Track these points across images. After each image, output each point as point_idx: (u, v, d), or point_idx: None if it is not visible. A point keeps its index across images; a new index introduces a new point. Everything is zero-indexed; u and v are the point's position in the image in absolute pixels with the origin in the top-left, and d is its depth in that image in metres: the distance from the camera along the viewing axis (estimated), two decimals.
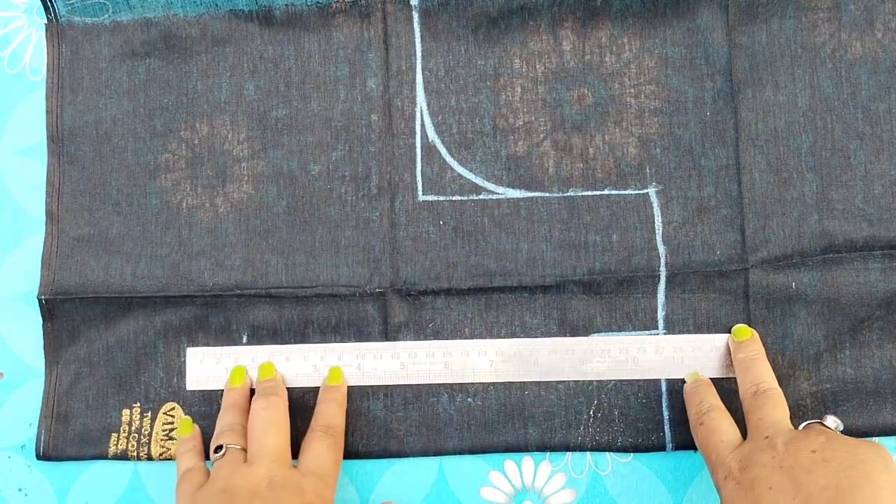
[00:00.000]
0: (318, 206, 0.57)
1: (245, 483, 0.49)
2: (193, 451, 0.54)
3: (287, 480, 0.49)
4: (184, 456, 0.54)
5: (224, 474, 0.50)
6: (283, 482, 0.49)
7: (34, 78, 0.60)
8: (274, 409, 0.52)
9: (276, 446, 0.51)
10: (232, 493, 0.48)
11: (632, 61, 0.56)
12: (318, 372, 0.56)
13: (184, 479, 0.51)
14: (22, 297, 0.59)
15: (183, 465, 0.53)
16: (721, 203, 0.55)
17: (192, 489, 0.50)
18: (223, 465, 0.50)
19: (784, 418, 0.49)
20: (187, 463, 0.53)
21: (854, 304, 0.54)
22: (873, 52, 0.56)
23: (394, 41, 0.57)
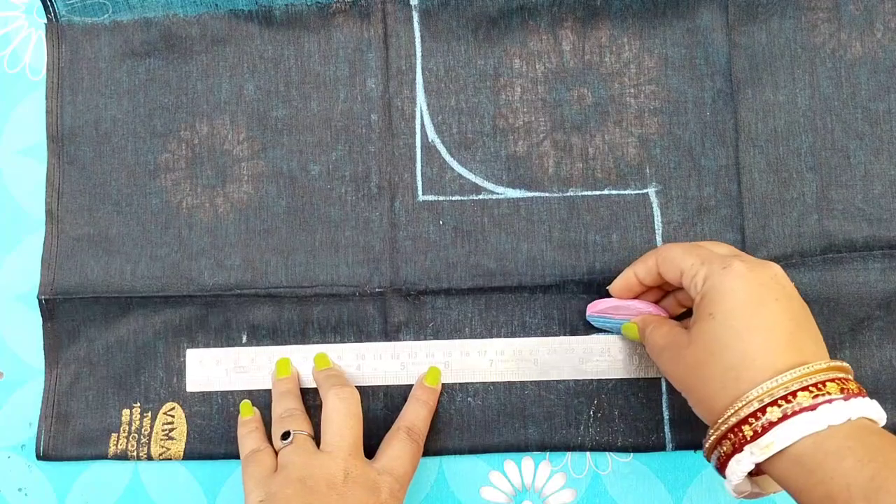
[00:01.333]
0: (318, 205, 0.57)
1: (322, 473, 0.48)
2: (258, 432, 0.54)
3: (363, 476, 0.49)
4: (247, 437, 0.53)
5: (299, 462, 0.49)
6: (359, 477, 0.49)
7: (34, 78, 0.60)
8: (351, 401, 0.52)
9: (353, 439, 0.51)
10: (307, 482, 0.48)
11: (632, 61, 0.56)
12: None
13: (251, 461, 0.51)
14: (22, 296, 0.59)
15: (248, 446, 0.53)
16: (721, 203, 0.55)
17: (263, 472, 0.50)
18: (295, 452, 0.50)
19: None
20: (252, 444, 0.53)
21: (854, 303, 0.54)
22: (873, 52, 0.56)
23: (394, 41, 0.57)
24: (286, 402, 0.54)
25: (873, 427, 0.40)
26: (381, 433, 0.54)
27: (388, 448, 0.52)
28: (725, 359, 0.42)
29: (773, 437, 0.39)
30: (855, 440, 0.38)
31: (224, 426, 0.57)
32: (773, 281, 0.44)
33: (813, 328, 0.44)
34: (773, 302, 0.43)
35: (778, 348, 0.41)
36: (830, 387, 0.40)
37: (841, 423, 0.39)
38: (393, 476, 0.50)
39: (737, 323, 0.42)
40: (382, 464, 0.51)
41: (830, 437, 0.39)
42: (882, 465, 0.37)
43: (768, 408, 0.40)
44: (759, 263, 0.45)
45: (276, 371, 0.56)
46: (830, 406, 0.39)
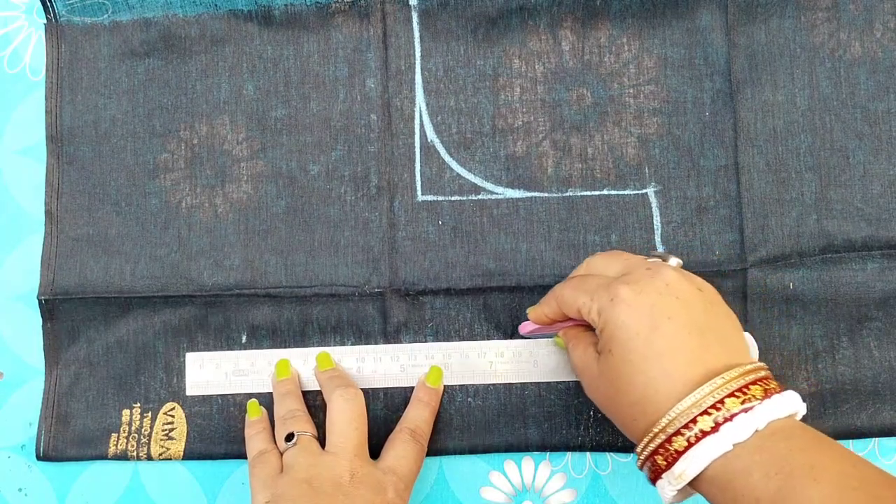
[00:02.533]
0: (318, 206, 0.57)
1: (328, 474, 0.49)
2: (265, 433, 0.54)
3: (369, 476, 0.49)
4: (254, 438, 0.53)
5: (304, 463, 0.49)
6: (364, 478, 0.49)
7: (34, 78, 0.60)
8: (356, 402, 0.52)
9: (358, 440, 0.51)
10: (313, 482, 0.48)
11: (631, 61, 0.56)
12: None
13: (258, 462, 0.51)
14: (22, 297, 0.59)
15: (255, 448, 0.53)
16: (720, 203, 0.55)
17: (269, 474, 0.50)
18: (299, 453, 0.50)
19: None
20: (259, 445, 0.53)
21: (852, 304, 0.54)
22: (872, 52, 0.56)
23: (393, 41, 0.57)
24: (288, 403, 0.54)
25: (784, 430, 0.39)
26: (382, 434, 0.54)
27: (392, 449, 0.52)
28: (629, 394, 0.41)
29: (683, 466, 0.39)
30: (762, 453, 0.38)
31: (224, 426, 0.57)
32: (663, 297, 0.42)
33: (721, 327, 0.43)
34: (666, 322, 0.41)
35: (678, 371, 0.40)
36: (730, 403, 0.39)
37: (747, 437, 0.38)
38: (398, 476, 0.50)
39: (633, 356, 0.41)
40: (387, 464, 0.51)
41: (737, 456, 0.38)
42: (787, 475, 0.37)
43: (673, 437, 0.39)
44: (648, 279, 0.43)
45: (275, 373, 0.56)
46: (733, 424, 0.38)
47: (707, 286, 0.44)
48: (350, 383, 0.54)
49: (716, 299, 0.44)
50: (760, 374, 0.41)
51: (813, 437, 0.39)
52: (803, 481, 0.36)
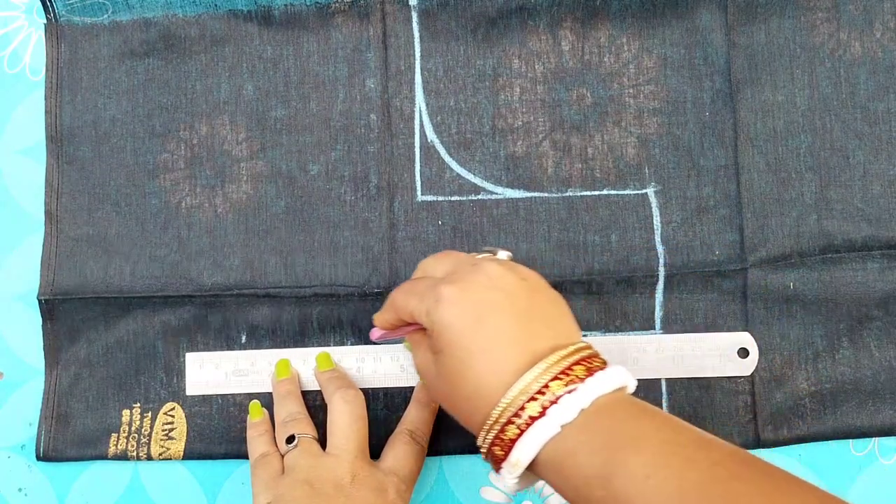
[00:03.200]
0: (317, 206, 0.57)
1: (329, 475, 0.49)
2: (267, 435, 0.54)
3: (371, 477, 0.49)
4: (256, 440, 0.53)
5: (305, 465, 0.49)
6: (366, 479, 0.49)
7: (34, 78, 0.60)
8: (356, 403, 0.52)
9: (359, 441, 0.51)
10: (315, 484, 0.48)
11: (631, 61, 0.56)
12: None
13: (259, 464, 0.51)
14: (22, 296, 0.59)
15: (257, 450, 0.53)
16: (720, 203, 0.55)
17: (270, 475, 0.50)
18: (300, 455, 0.50)
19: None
20: (261, 448, 0.53)
21: (852, 304, 0.54)
22: (872, 52, 0.56)
23: (393, 41, 0.57)
24: (288, 405, 0.54)
25: (609, 405, 0.39)
26: (382, 434, 0.54)
27: (392, 450, 0.52)
28: (463, 389, 0.42)
29: (517, 454, 0.39)
30: (588, 431, 0.38)
31: (224, 426, 0.57)
32: (486, 291, 0.43)
33: (548, 312, 0.43)
34: (490, 316, 0.42)
35: (505, 362, 0.41)
36: (555, 385, 0.39)
37: (573, 418, 0.39)
38: (399, 477, 0.50)
39: (461, 353, 0.42)
40: (388, 465, 0.51)
41: (565, 437, 0.39)
42: (612, 449, 0.37)
43: (506, 427, 0.40)
44: (470, 275, 0.43)
45: (275, 373, 0.56)
46: (559, 406, 0.39)
47: (532, 274, 0.45)
48: (350, 384, 0.54)
49: (540, 286, 0.45)
50: (584, 353, 0.41)
51: (637, 409, 0.40)
52: (626, 453, 0.37)
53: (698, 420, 0.54)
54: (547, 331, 0.42)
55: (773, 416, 0.54)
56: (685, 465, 0.36)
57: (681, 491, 0.35)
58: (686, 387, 0.55)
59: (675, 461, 0.36)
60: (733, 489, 0.35)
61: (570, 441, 0.39)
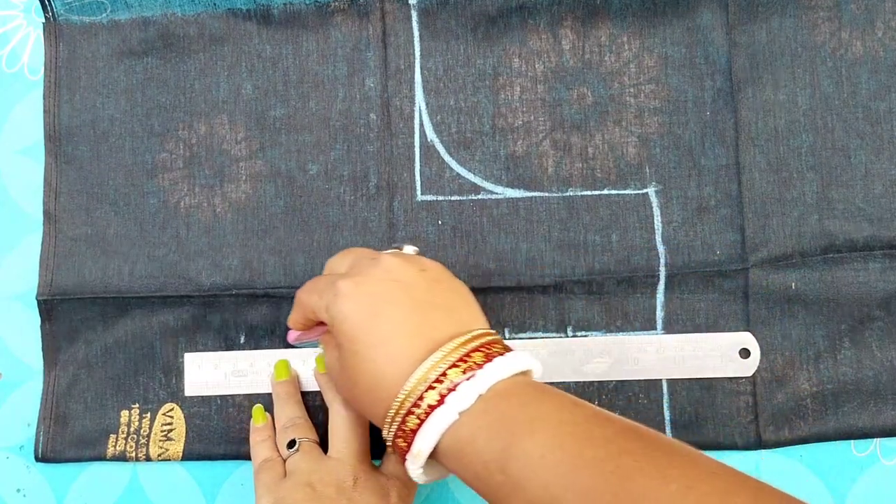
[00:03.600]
0: (317, 206, 0.57)
1: (331, 479, 0.49)
2: (269, 441, 0.53)
3: (373, 481, 0.49)
4: (259, 446, 0.53)
5: (306, 469, 0.49)
6: (368, 482, 0.49)
7: (32, 77, 0.60)
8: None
9: (360, 445, 0.51)
10: (317, 487, 0.48)
11: (631, 60, 0.56)
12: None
13: (263, 469, 0.51)
14: (21, 297, 0.59)
15: (260, 456, 0.52)
16: (721, 203, 0.55)
17: (274, 478, 0.50)
18: (302, 459, 0.50)
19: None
20: (264, 453, 0.52)
21: (854, 304, 0.54)
22: (874, 51, 0.55)
23: (392, 40, 0.57)
24: (288, 409, 0.54)
25: (507, 390, 0.40)
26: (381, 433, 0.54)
27: (395, 455, 0.52)
28: (363, 383, 0.42)
29: (419, 444, 0.40)
30: (485, 416, 0.39)
31: (223, 426, 0.57)
32: (383, 283, 0.43)
33: (448, 302, 0.44)
34: (387, 307, 0.42)
35: (403, 352, 0.41)
36: (452, 373, 0.40)
37: (471, 404, 0.39)
38: (401, 481, 0.50)
39: (359, 346, 0.42)
40: (390, 469, 0.51)
41: (464, 424, 0.39)
42: (509, 433, 0.38)
43: (407, 417, 0.40)
44: (368, 269, 0.44)
45: (274, 373, 0.55)
46: (457, 393, 0.39)
47: (433, 265, 0.45)
48: None
49: (441, 276, 0.45)
50: (483, 340, 0.41)
51: (536, 392, 0.40)
52: (521, 436, 0.37)
53: (700, 421, 0.54)
54: (446, 320, 0.42)
55: (774, 416, 0.54)
56: (580, 442, 0.37)
57: (574, 468, 0.36)
58: (687, 387, 0.54)
59: (570, 440, 0.37)
60: (624, 464, 0.35)
61: (468, 428, 0.39)
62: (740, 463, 0.54)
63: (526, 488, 0.36)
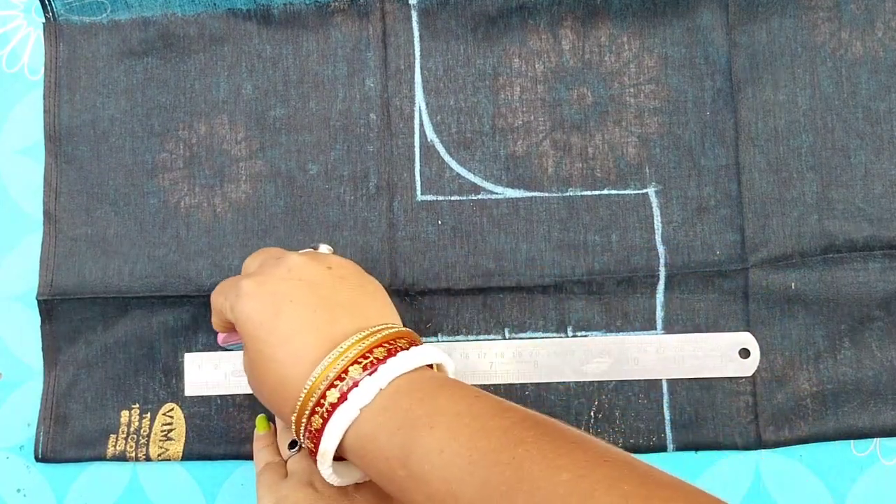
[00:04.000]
0: (317, 206, 0.57)
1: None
2: (272, 447, 0.53)
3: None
4: (262, 452, 0.53)
5: (307, 468, 0.49)
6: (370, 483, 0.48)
7: (33, 77, 0.60)
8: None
9: None
10: (318, 486, 0.48)
11: (631, 61, 0.56)
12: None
13: (265, 471, 0.51)
14: (21, 297, 0.59)
15: (262, 460, 0.52)
16: (721, 203, 0.55)
17: (275, 479, 0.50)
18: (302, 459, 0.50)
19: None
20: (267, 458, 0.52)
21: (854, 304, 0.54)
22: (874, 51, 0.55)
23: (392, 40, 0.57)
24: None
25: (408, 384, 0.40)
26: None
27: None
28: (268, 383, 0.42)
29: (324, 444, 0.40)
30: (385, 412, 0.39)
31: (223, 426, 0.56)
32: (285, 282, 0.43)
33: (354, 299, 0.43)
34: (289, 305, 0.42)
35: (305, 350, 0.41)
36: (353, 370, 0.40)
37: (370, 400, 0.39)
38: None
39: (262, 346, 0.42)
40: None
41: (366, 420, 0.39)
42: (409, 428, 0.38)
43: (311, 417, 0.40)
44: (271, 268, 0.44)
45: None
46: (358, 390, 0.39)
47: (341, 262, 0.45)
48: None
49: (348, 273, 0.45)
50: (386, 333, 0.41)
51: (436, 385, 0.40)
52: (421, 431, 0.37)
53: (699, 421, 0.54)
54: (349, 317, 0.42)
55: (774, 416, 0.54)
56: (476, 434, 0.37)
57: (471, 461, 0.36)
58: (687, 387, 0.54)
59: (466, 432, 0.37)
60: (519, 454, 0.35)
61: (370, 424, 0.39)
62: (740, 463, 0.54)
63: (428, 482, 0.37)
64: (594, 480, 0.33)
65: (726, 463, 0.55)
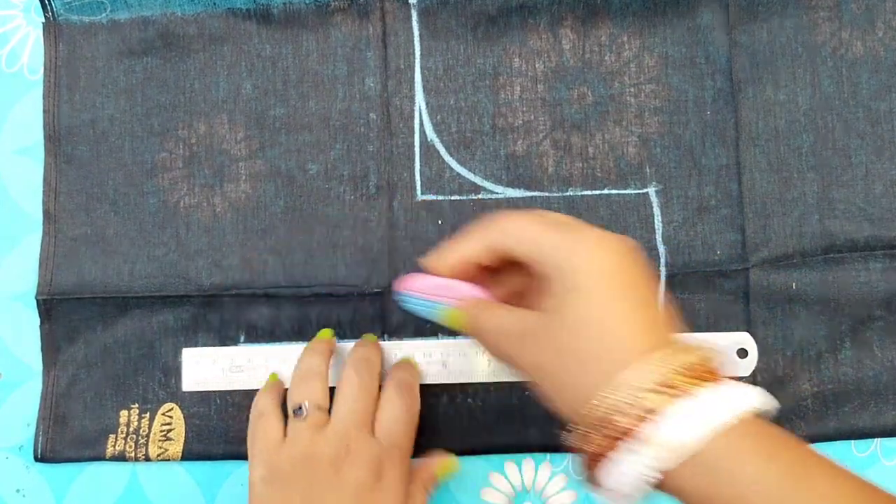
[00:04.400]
0: (317, 205, 0.57)
1: (328, 451, 0.47)
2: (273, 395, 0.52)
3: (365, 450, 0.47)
4: (263, 396, 0.52)
5: (306, 439, 0.48)
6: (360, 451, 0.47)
7: (32, 77, 0.60)
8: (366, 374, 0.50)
9: (362, 414, 0.49)
10: (312, 461, 0.47)
11: (632, 60, 0.56)
12: None
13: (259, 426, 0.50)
14: (20, 296, 0.59)
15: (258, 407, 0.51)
16: (721, 203, 0.55)
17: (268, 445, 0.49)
18: (305, 428, 0.48)
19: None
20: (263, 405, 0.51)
21: (855, 304, 0.54)
22: (874, 50, 0.55)
23: (392, 40, 0.57)
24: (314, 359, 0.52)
25: (761, 420, 0.35)
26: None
27: (381, 412, 0.50)
28: (594, 335, 0.36)
29: (671, 434, 0.33)
30: (751, 436, 0.33)
31: (222, 426, 0.56)
32: (634, 253, 0.38)
33: (671, 313, 0.38)
34: (634, 268, 0.37)
35: (653, 321, 0.36)
36: (701, 369, 0.35)
37: (742, 412, 0.33)
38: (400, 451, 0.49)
39: (604, 294, 0.36)
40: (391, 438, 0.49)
41: (729, 431, 0.33)
42: (788, 462, 0.33)
43: (650, 394, 0.33)
44: (615, 234, 0.38)
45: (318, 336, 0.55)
46: (728, 388, 0.34)
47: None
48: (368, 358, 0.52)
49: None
50: (720, 359, 0.36)
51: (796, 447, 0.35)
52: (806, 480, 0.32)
53: None
54: (671, 329, 0.37)
55: (775, 417, 0.54)
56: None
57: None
58: None
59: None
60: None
61: (730, 438, 0.33)
62: None
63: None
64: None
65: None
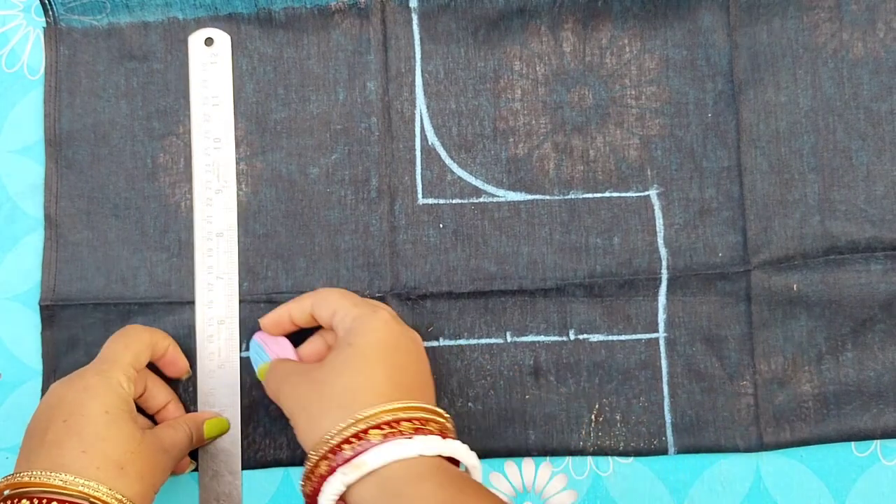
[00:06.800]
0: (317, 209, 0.57)
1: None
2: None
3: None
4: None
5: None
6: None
7: (32, 77, 0.60)
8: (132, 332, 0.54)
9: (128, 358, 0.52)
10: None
11: (632, 62, 0.56)
12: None
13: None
14: (20, 297, 0.59)
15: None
16: (723, 205, 0.55)
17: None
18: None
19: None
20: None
21: (856, 305, 0.54)
22: (875, 52, 0.55)
23: (393, 43, 0.57)
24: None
25: (455, 468, 0.45)
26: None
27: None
28: (349, 379, 0.46)
29: (366, 458, 0.42)
30: (438, 470, 0.43)
31: None
32: (409, 337, 0.49)
33: (431, 388, 0.49)
34: (405, 349, 0.48)
35: (399, 384, 0.46)
36: (431, 426, 0.45)
37: (430, 454, 0.43)
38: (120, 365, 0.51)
39: (370, 353, 0.46)
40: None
41: (418, 463, 0.43)
42: (458, 490, 0.42)
43: (371, 430, 0.43)
44: (403, 324, 0.50)
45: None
46: (426, 438, 0.43)
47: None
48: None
49: (430, 373, 0.51)
50: (451, 425, 0.48)
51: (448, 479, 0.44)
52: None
53: (700, 423, 0.54)
54: (429, 397, 0.49)
55: (775, 418, 0.54)
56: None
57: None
58: (688, 390, 0.55)
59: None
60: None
61: (419, 468, 0.43)
62: (741, 463, 0.55)
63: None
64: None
65: (726, 463, 0.55)
